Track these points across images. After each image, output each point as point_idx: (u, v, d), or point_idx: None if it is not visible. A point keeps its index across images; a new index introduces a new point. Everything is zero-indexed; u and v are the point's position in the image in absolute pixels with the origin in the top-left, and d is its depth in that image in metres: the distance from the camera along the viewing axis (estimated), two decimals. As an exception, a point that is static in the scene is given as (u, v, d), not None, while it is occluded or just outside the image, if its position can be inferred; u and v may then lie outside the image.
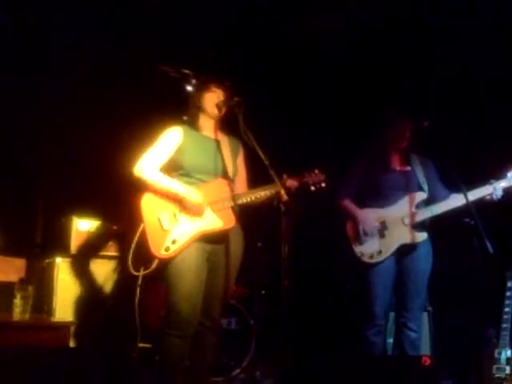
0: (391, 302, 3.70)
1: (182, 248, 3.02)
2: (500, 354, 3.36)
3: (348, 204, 3.68)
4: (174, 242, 3.02)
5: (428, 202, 3.61)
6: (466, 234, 3.44)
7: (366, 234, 3.58)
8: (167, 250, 3.01)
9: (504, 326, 3.39)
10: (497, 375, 3.34)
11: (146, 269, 3.06)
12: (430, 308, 4.25)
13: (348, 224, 3.68)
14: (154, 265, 3.03)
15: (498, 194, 3.46)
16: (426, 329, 4.18)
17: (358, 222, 3.60)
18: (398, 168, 3.67)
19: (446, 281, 4.35)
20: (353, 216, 3.65)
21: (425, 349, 4.00)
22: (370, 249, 3.58)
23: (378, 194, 3.63)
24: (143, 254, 3.05)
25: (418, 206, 3.59)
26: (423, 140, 3.55)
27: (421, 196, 3.60)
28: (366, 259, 3.58)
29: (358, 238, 3.60)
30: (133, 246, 3.07)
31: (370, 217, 3.60)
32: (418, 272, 3.60)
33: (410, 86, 4.54)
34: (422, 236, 3.57)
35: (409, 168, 3.65)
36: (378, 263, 3.57)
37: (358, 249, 3.61)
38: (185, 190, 3.05)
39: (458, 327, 4.16)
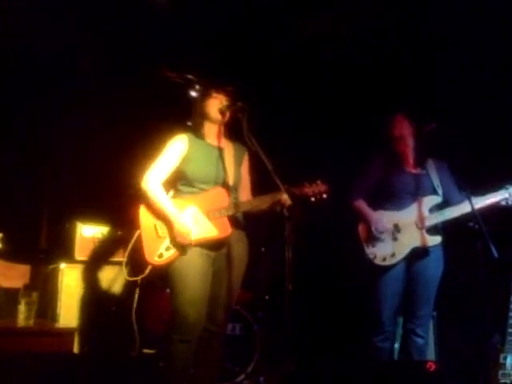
0: (400, 307, 3.66)
1: (175, 255, 3.04)
2: (505, 359, 3.35)
3: (361, 205, 3.63)
4: (167, 248, 3.04)
5: (443, 206, 3.56)
6: (470, 238, 3.43)
7: (378, 234, 3.52)
8: (160, 256, 3.03)
9: (509, 331, 3.38)
10: (502, 381, 3.33)
11: (141, 275, 3.08)
12: (434, 313, 4.23)
13: (360, 225, 3.63)
14: (148, 271, 3.04)
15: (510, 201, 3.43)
16: (431, 334, 4.16)
17: (371, 222, 3.55)
18: (411, 171, 3.62)
19: (451, 286, 4.34)
20: (365, 217, 3.59)
21: (430, 354, 3.98)
22: (382, 251, 3.52)
23: (391, 196, 3.58)
24: (138, 260, 3.06)
25: (431, 210, 3.54)
26: (430, 143, 3.54)
27: (434, 200, 3.55)
28: (378, 261, 3.52)
29: (371, 240, 3.54)
30: (127, 251, 3.10)
31: (382, 218, 3.54)
32: (428, 278, 3.56)
33: (417, 87, 4.54)
34: (435, 240, 3.52)
35: (423, 171, 3.60)
36: (389, 267, 3.52)
37: (369, 250, 3.55)
38: (177, 217, 3.04)
39: (463, 332, 4.14)
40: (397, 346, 3.89)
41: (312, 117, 4.97)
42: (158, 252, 3.03)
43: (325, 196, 3.05)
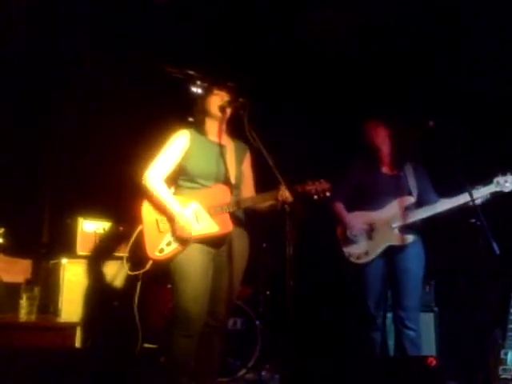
0: (386, 301, 3.80)
1: (176, 250, 3.04)
2: (506, 354, 3.34)
3: (338, 207, 3.83)
4: (168, 244, 3.05)
5: (418, 206, 3.70)
6: (472, 234, 3.44)
7: (352, 236, 3.73)
8: (161, 251, 3.04)
9: (510, 326, 3.37)
10: (503, 376, 3.32)
11: (142, 269, 3.09)
12: (435, 309, 4.25)
13: (338, 226, 3.83)
14: (148, 266, 3.05)
15: (484, 198, 3.52)
16: (432, 329, 4.18)
17: (346, 225, 3.77)
18: (388, 173, 3.80)
19: (452, 281, 4.35)
20: (341, 219, 3.81)
21: (430, 349, 4.01)
22: (357, 250, 3.73)
23: (368, 198, 3.76)
24: (139, 255, 3.07)
25: (406, 210, 3.68)
26: (429, 140, 3.55)
27: (409, 200, 3.71)
28: (353, 260, 3.73)
29: (347, 240, 3.76)
30: (128, 246, 3.11)
31: (358, 220, 3.74)
32: (409, 271, 3.67)
33: (414, 87, 4.56)
34: (409, 238, 3.67)
35: (400, 173, 3.76)
36: (365, 264, 3.70)
37: (346, 249, 3.76)
38: (178, 211, 3.05)
39: (464, 328, 4.16)
40: (392, 343, 3.92)
41: (312, 114, 4.98)
42: (159, 247, 3.04)
43: (328, 194, 3.06)
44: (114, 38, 4.49)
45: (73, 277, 4.19)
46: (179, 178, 3.18)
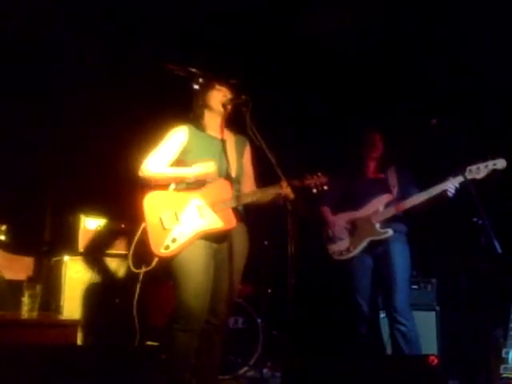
0: (378, 299, 3.89)
1: (181, 247, 3.03)
2: (508, 353, 3.34)
3: (324, 210, 4.02)
4: (173, 240, 3.03)
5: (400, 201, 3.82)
6: (473, 233, 3.44)
7: (334, 236, 3.91)
8: (167, 248, 3.02)
9: (511, 325, 3.37)
10: (504, 375, 3.32)
11: (146, 267, 3.09)
12: (437, 307, 4.25)
13: (324, 228, 4.00)
14: (154, 263, 3.05)
15: (452, 190, 3.59)
16: (433, 328, 4.18)
17: (328, 226, 3.96)
18: (370, 176, 3.97)
19: (454, 280, 4.35)
20: (325, 221, 4.00)
21: (432, 348, 4.00)
22: (339, 247, 3.90)
23: (352, 201, 3.92)
24: (144, 253, 3.07)
25: (386, 207, 3.81)
26: (432, 138, 3.56)
27: (388, 198, 3.84)
28: (336, 257, 3.90)
29: (331, 239, 3.94)
30: (133, 244, 3.10)
31: (339, 221, 3.92)
32: (394, 266, 3.74)
33: (414, 87, 4.58)
34: (391, 232, 3.76)
35: (381, 175, 3.93)
36: (348, 260, 3.85)
37: (330, 247, 3.94)
38: (191, 170, 3.08)
39: (466, 327, 4.15)
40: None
41: (312, 112, 4.99)
42: (165, 244, 3.02)
43: (326, 188, 3.08)
44: (115, 34, 4.49)
45: (74, 274, 4.21)
46: None
